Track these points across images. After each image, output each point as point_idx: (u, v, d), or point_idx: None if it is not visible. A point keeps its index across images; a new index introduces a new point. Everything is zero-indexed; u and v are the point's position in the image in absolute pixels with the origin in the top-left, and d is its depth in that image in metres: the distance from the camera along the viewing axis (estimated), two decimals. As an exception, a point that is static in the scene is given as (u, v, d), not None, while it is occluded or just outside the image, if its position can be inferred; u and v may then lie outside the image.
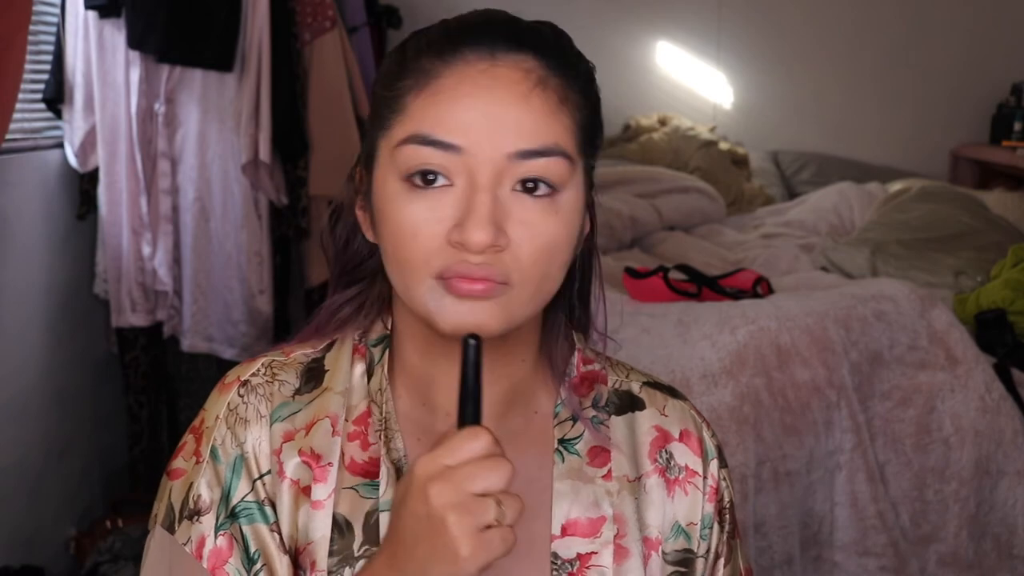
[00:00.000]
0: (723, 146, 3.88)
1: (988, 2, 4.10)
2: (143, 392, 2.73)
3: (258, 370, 0.80)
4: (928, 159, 4.09)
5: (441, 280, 0.70)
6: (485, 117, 0.69)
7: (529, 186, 0.70)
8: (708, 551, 0.84)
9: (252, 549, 0.75)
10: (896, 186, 3.46)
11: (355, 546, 0.75)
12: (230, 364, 2.58)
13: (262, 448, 0.76)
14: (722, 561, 0.85)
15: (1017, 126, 3.75)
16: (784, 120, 4.20)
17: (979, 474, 1.92)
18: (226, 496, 0.75)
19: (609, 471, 0.80)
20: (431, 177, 0.70)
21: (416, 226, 0.70)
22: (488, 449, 0.64)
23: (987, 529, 1.94)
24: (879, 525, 1.88)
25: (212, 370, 2.76)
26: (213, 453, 0.76)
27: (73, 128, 2.55)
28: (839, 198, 3.37)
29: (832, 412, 1.90)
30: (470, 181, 0.69)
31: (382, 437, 0.77)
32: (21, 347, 2.34)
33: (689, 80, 4.19)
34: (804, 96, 4.18)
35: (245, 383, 0.79)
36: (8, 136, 1.82)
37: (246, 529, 0.75)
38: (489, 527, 0.62)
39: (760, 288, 2.22)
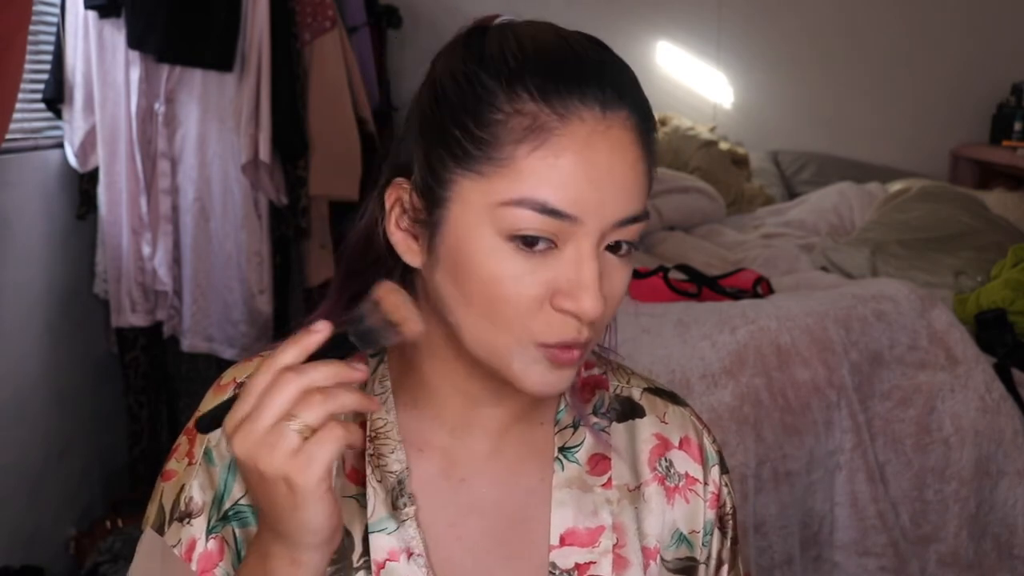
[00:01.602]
0: (723, 146, 3.88)
1: (988, 2, 4.10)
2: (143, 392, 2.73)
3: (254, 372, 0.79)
4: (928, 159, 4.09)
5: (542, 348, 0.68)
6: (602, 186, 0.66)
7: (612, 245, 0.70)
8: (709, 558, 0.83)
9: (243, 553, 0.74)
10: (896, 186, 3.46)
11: (354, 556, 0.74)
12: (230, 364, 2.59)
13: None
14: (726, 568, 0.85)
15: (1017, 126, 3.75)
16: (784, 120, 4.20)
17: (979, 474, 1.92)
18: (219, 499, 0.74)
19: (609, 479, 0.80)
20: (533, 239, 0.67)
21: (517, 285, 0.67)
22: (267, 379, 0.61)
23: (987, 529, 1.94)
24: (879, 525, 1.88)
25: (212, 370, 2.76)
26: (207, 455, 0.75)
27: (73, 128, 2.55)
28: (839, 198, 3.37)
29: (832, 412, 1.89)
30: (577, 247, 0.67)
31: (367, 455, 0.76)
32: (21, 347, 2.34)
33: (689, 80, 4.19)
34: (804, 96, 4.18)
35: (241, 384, 0.77)
36: (8, 136, 1.82)
37: (238, 532, 0.74)
38: (305, 440, 0.60)
39: (760, 288, 2.22)
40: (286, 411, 0.60)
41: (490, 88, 0.67)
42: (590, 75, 0.67)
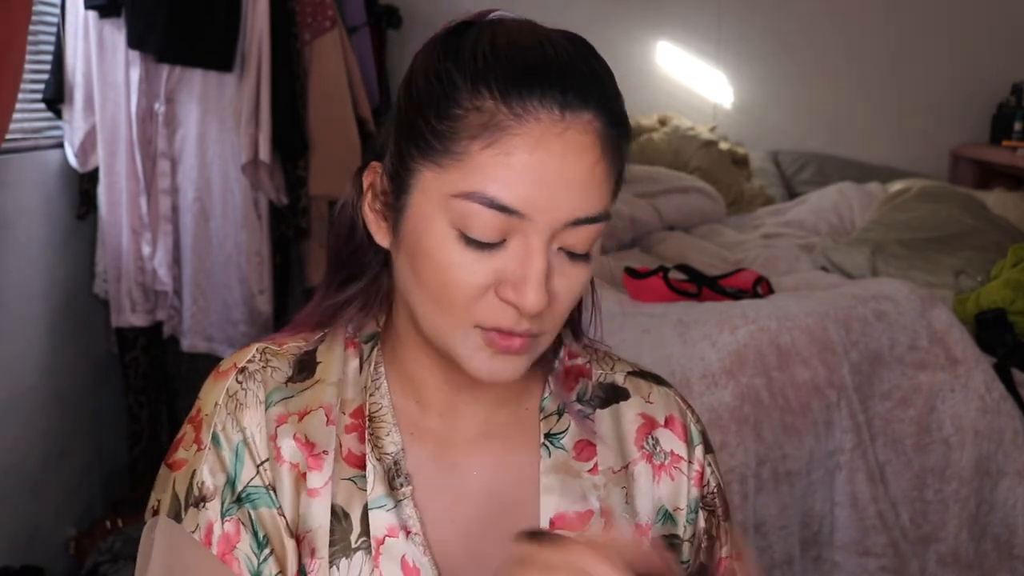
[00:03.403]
0: (723, 146, 3.88)
1: (988, 2, 4.10)
2: (143, 392, 2.73)
3: (253, 356, 0.80)
4: (928, 159, 4.09)
5: (481, 331, 0.71)
6: (552, 185, 0.67)
7: (570, 250, 0.71)
8: (694, 536, 0.85)
9: (261, 534, 0.75)
10: (896, 186, 3.46)
11: (352, 537, 0.75)
12: (230, 364, 2.60)
13: (262, 433, 0.77)
14: (719, 543, 0.86)
15: (1017, 126, 3.76)
16: (784, 120, 4.20)
17: (979, 474, 1.92)
18: (231, 482, 0.75)
19: (595, 465, 0.81)
20: (482, 243, 0.69)
21: (463, 272, 0.69)
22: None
23: (987, 529, 1.94)
24: (879, 525, 1.88)
25: (212, 370, 2.75)
26: (215, 439, 0.76)
27: (73, 128, 2.55)
28: (839, 198, 3.38)
29: (832, 412, 1.90)
30: (525, 242, 0.69)
31: (366, 434, 0.78)
32: (21, 347, 2.34)
33: (689, 80, 4.19)
34: (804, 96, 4.19)
35: (242, 369, 0.79)
36: (8, 136, 1.82)
37: (253, 514, 0.75)
38: None
39: (760, 288, 2.22)
40: None
41: (456, 84, 0.69)
42: (553, 77, 0.68)
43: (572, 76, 0.69)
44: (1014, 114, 3.80)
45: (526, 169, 0.67)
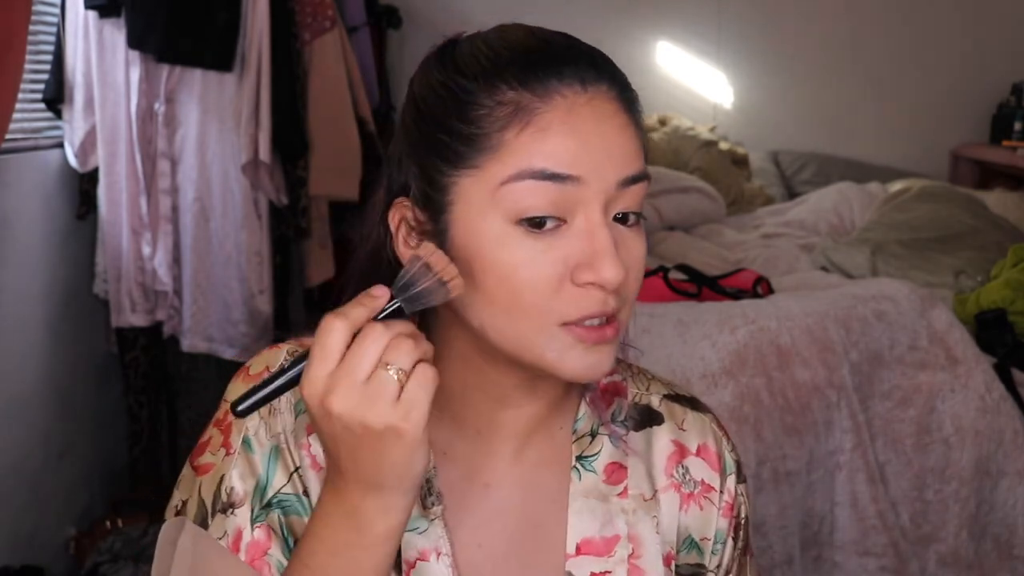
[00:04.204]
0: (723, 146, 3.88)
1: (988, 2, 4.10)
2: (143, 392, 2.73)
3: (285, 359, 0.77)
4: (928, 159, 4.09)
5: (567, 328, 0.68)
6: (594, 148, 0.68)
7: (619, 217, 0.70)
8: (719, 566, 0.84)
9: (291, 540, 0.73)
10: (896, 186, 3.46)
11: None
12: (230, 364, 2.59)
13: (295, 439, 0.75)
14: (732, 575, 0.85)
15: (1017, 126, 3.75)
16: (784, 120, 4.20)
17: (979, 474, 1.92)
18: (262, 487, 0.74)
19: (625, 488, 0.80)
20: (540, 220, 0.67)
21: (531, 269, 0.67)
22: (346, 331, 0.62)
23: (987, 529, 1.94)
24: (879, 525, 1.88)
25: (212, 370, 2.76)
26: (246, 443, 0.74)
27: (73, 128, 2.55)
28: (839, 198, 3.38)
29: (832, 412, 1.89)
30: (586, 215, 0.68)
31: None
32: (21, 347, 2.34)
33: (689, 80, 4.19)
34: (804, 96, 4.18)
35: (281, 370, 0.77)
36: (8, 136, 1.82)
37: (284, 520, 0.74)
38: (401, 386, 0.62)
39: (760, 288, 2.22)
40: (379, 360, 0.61)
41: (469, 89, 0.69)
42: (564, 58, 0.69)
43: (579, 54, 0.71)
44: (1014, 114, 3.80)
45: (565, 137, 0.67)
